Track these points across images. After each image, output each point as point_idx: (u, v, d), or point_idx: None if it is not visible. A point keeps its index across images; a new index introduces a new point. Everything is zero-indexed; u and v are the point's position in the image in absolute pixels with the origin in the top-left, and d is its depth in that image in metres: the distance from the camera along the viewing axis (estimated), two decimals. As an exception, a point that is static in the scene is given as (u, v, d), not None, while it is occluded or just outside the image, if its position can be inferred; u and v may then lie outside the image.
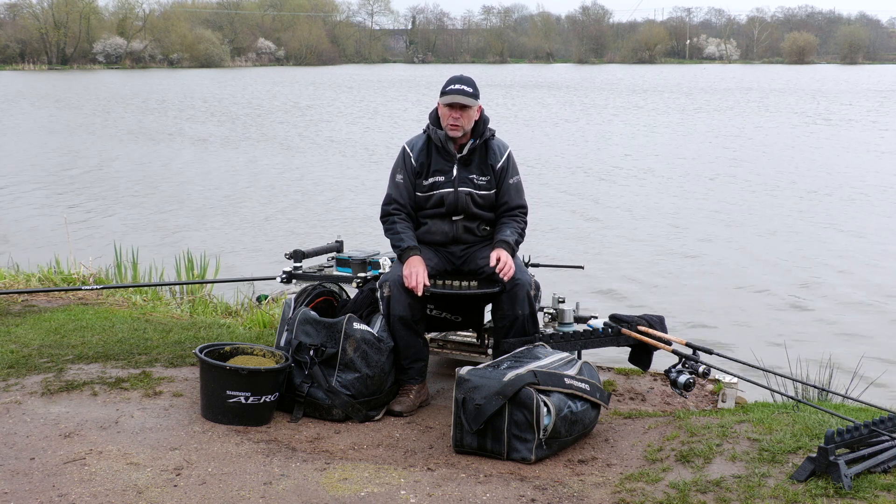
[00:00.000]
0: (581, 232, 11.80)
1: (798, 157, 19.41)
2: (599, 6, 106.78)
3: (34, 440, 3.65)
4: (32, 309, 5.89)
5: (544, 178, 16.25)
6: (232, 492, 3.23)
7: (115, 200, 14.39)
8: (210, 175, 17.24)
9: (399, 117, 30.04)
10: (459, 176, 4.29)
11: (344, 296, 4.61)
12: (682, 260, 10.28)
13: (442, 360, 4.89)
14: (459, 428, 3.64)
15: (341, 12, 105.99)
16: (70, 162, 19.32)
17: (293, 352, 4.05)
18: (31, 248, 10.41)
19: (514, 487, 3.30)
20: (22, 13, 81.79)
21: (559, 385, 3.66)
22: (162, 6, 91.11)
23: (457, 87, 4.20)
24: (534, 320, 4.17)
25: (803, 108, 33.35)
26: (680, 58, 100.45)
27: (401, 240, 4.22)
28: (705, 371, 3.95)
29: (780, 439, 3.47)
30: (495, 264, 4.07)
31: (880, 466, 3.17)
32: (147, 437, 3.71)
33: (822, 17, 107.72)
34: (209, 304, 6.90)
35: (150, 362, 4.66)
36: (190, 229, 12.05)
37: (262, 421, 3.91)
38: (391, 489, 3.28)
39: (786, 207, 13.43)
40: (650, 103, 36.18)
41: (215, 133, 25.09)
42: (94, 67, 77.99)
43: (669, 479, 3.27)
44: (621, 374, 4.96)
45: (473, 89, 4.23)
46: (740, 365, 4.21)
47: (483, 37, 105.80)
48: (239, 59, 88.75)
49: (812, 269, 9.84)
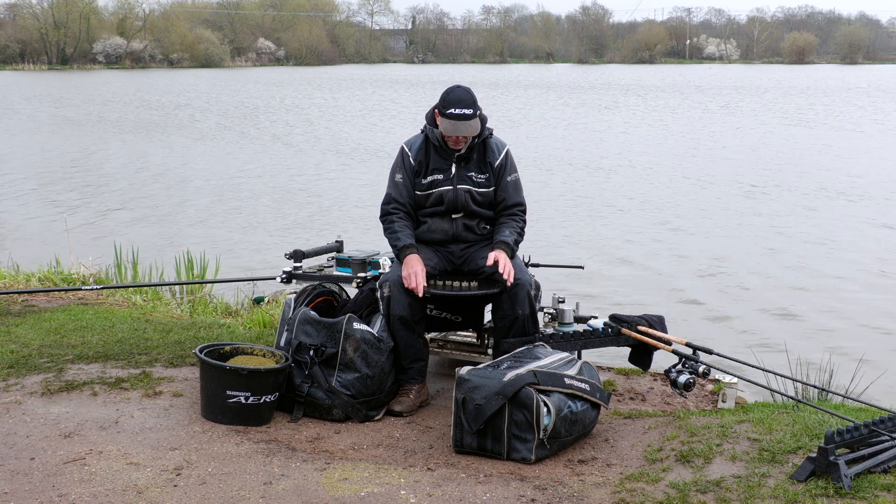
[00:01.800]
0: (581, 232, 11.80)
1: (798, 156, 19.40)
2: (599, 6, 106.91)
3: (34, 440, 3.65)
4: (32, 309, 5.89)
5: (544, 177, 16.24)
6: (232, 492, 3.23)
7: (115, 200, 14.38)
8: (210, 175, 17.23)
9: (399, 117, 30.04)
10: (458, 174, 4.30)
11: (344, 296, 4.61)
12: (682, 259, 10.28)
13: (442, 360, 4.89)
14: (459, 428, 3.64)
15: (341, 12, 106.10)
16: (70, 162, 19.31)
17: (293, 352, 4.05)
18: (31, 248, 10.40)
19: (514, 487, 3.31)
20: (22, 13, 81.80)
21: (559, 385, 3.66)
22: (162, 6, 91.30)
23: (458, 112, 4.12)
24: (534, 320, 4.18)
25: (804, 107, 33.35)
26: (680, 58, 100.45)
27: (398, 239, 4.23)
28: (705, 371, 3.95)
29: (780, 439, 3.48)
30: (493, 265, 4.08)
31: (880, 466, 3.17)
32: (147, 437, 3.71)
33: (822, 17, 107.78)
34: (209, 304, 6.90)
35: (150, 362, 4.66)
36: (190, 229, 12.04)
37: (262, 421, 3.91)
38: (391, 489, 3.28)
39: (786, 207, 13.42)
40: (650, 103, 36.18)
41: (215, 133, 25.09)
42: (94, 67, 77.98)
43: (669, 479, 3.28)
44: (621, 374, 4.96)
45: (473, 109, 4.15)
46: (740, 365, 4.21)
47: (483, 37, 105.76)
48: (239, 59, 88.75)
49: (812, 268, 9.84)
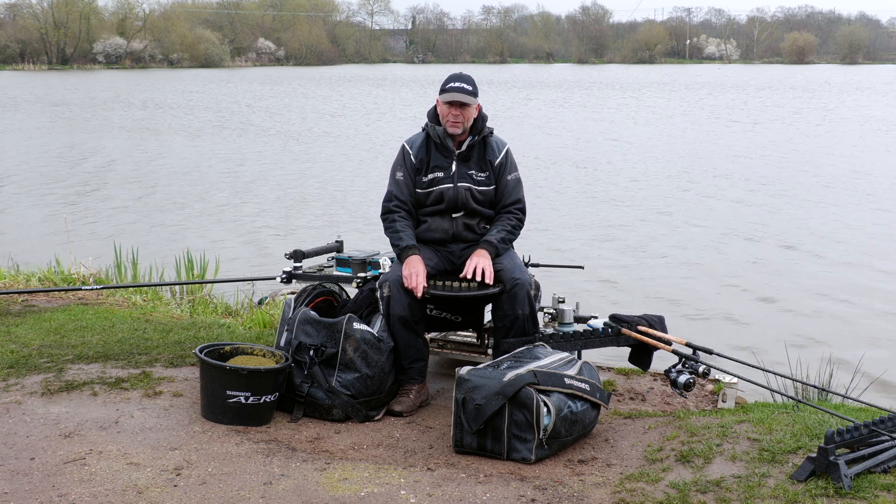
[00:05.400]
0: (581, 231, 11.80)
1: (799, 155, 19.40)
2: (599, 6, 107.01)
3: (34, 440, 3.65)
4: (32, 309, 5.88)
5: (544, 177, 16.24)
6: (232, 492, 3.23)
7: (115, 200, 14.38)
8: (210, 175, 17.23)
9: (399, 117, 30.03)
10: (459, 172, 4.31)
11: (344, 296, 4.61)
12: (682, 259, 10.28)
13: (442, 360, 4.89)
14: (459, 428, 3.64)
15: (341, 12, 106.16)
16: (70, 162, 19.31)
17: (293, 352, 4.05)
18: (31, 248, 10.40)
19: (514, 487, 3.30)
20: (22, 13, 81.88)
21: (559, 385, 3.66)
22: (162, 6, 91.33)
23: (457, 86, 4.24)
24: (534, 320, 4.18)
25: (803, 106, 33.35)
26: (680, 58, 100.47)
27: (400, 238, 4.23)
28: (705, 371, 3.95)
29: (780, 439, 3.47)
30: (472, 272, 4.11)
31: (880, 466, 3.16)
32: (147, 437, 3.70)
33: (822, 17, 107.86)
34: (209, 304, 6.89)
35: (150, 362, 4.66)
36: (190, 229, 12.04)
37: (262, 421, 3.91)
38: (391, 489, 3.28)
39: (786, 207, 13.42)
40: (650, 102, 36.18)
41: (215, 133, 25.08)
42: (94, 67, 78.00)
43: (669, 479, 3.28)
44: (621, 374, 4.96)
45: (473, 87, 4.27)
46: (740, 365, 4.21)
47: (483, 37, 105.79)
48: (239, 59, 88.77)
49: (812, 268, 9.84)
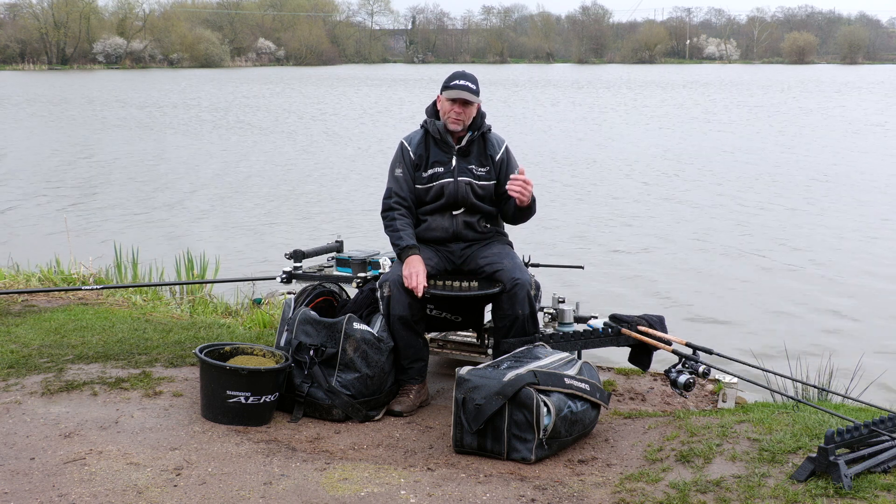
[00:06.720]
0: (581, 231, 11.80)
1: (799, 155, 19.40)
2: (599, 6, 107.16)
3: (34, 440, 3.64)
4: (32, 309, 5.89)
5: (544, 177, 16.23)
6: (232, 492, 3.23)
7: (115, 200, 14.37)
8: (210, 174, 17.22)
9: (399, 117, 30.03)
10: (458, 166, 4.32)
11: (344, 296, 4.61)
12: (682, 259, 10.28)
13: (442, 360, 4.89)
14: (459, 428, 3.64)
15: (341, 12, 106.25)
16: (70, 162, 19.30)
17: (293, 352, 4.05)
18: (31, 248, 10.39)
19: (514, 487, 3.30)
20: (22, 13, 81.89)
21: (559, 385, 3.66)
22: (162, 6, 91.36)
23: (462, 83, 4.26)
24: (534, 320, 4.17)
25: (804, 106, 33.35)
26: (680, 58, 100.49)
27: (400, 238, 4.22)
28: (705, 371, 3.95)
29: (780, 439, 3.47)
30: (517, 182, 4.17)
31: (880, 466, 3.16)
32: (147, 437, 3.70)
33: (822, 17, 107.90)
34: (209, 304, 6.90)
35: (150, 362, 4.66)
36: (190, 229, 12.04)
37: (262, 421, 3.91)
38: (391, 489, 3.28)
39: (786, 206, 13.42)
40: (651, 102, 36.17)
41: (215, 133, 25.08)
42: (94, 67, 78.02)
43: (669, 479, 3.27)
44: (621, 374, 4.96)
45: (476, 87, 4.31)
46: (740, 365, 4.21)
47: (483, 37, 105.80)
48: (239, 59, 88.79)
49: (812, 268, 9.84)
